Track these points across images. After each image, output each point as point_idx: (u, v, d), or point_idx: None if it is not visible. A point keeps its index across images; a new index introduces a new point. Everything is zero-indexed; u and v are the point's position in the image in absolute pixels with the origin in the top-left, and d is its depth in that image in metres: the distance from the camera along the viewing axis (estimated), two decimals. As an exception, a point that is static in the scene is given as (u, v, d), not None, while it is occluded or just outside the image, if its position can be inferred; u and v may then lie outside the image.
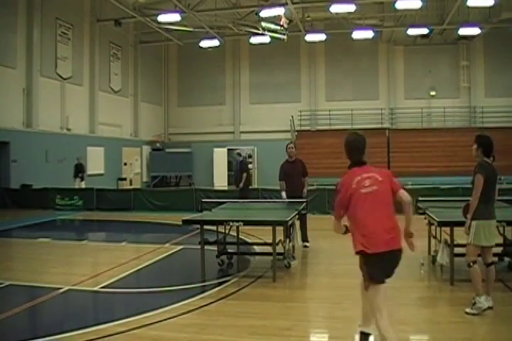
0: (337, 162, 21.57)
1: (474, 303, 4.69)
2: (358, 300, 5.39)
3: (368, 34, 21.94)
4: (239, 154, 15.68)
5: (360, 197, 3.62)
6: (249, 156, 27.15)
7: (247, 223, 6.39)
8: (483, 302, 4.67)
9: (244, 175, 13.41)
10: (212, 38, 23.16)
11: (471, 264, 4.81)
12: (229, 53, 27.15)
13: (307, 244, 8.48)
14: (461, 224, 5.28)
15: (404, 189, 3.86)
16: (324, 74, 26.22)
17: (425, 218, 6.94)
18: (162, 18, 20.37)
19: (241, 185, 13.40)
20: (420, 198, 7.90)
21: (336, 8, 19.20)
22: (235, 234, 7.52)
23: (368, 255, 3.55)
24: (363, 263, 3.75)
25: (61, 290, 5.79)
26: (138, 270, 7.01)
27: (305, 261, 7.72)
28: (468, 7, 19.17)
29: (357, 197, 3.62)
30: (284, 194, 8.49)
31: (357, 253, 3.68)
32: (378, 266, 3.55)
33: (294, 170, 8.53)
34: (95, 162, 20.26)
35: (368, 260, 3.60)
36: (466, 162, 19.83)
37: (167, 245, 8.94)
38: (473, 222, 4.81)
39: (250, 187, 14.52)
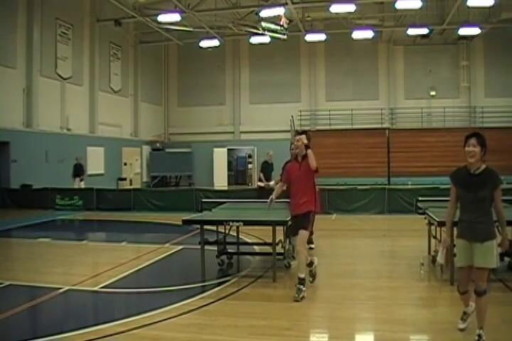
0: (337, 162, 21.81)
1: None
2: (358, 300, 5.42)
3: (368, 34, 21.96)
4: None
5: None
6: (249, 156, 27.19)
7: (247, 223, 6.38)
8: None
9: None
10: (212, 38, 23.17)
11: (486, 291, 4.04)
12: (229, 53, 27.16)
13: (312, 246, 8.42)
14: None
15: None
16: (324, 74, 26.23)
17: (425, 218, 6.94)
18: (162, 18, 20.40)
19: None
20: (420, 198, 7.90)
21: (335, 8, 19.23)
22: (235, 234, 7.52)
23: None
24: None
25: (61, 290, 5.78)
26: (138, 270, 7.01)
27: (305, 261, 7.71)
28: (468, 7, 19.19)
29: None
30: (272, 183, 8.39)
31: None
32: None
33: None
34: (95, 162, 20.26)
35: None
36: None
37: (167, 245, 8.94)
38: (494, 241, 3.98)
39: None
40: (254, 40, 22.77)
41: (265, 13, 19.37)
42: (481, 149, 4.01)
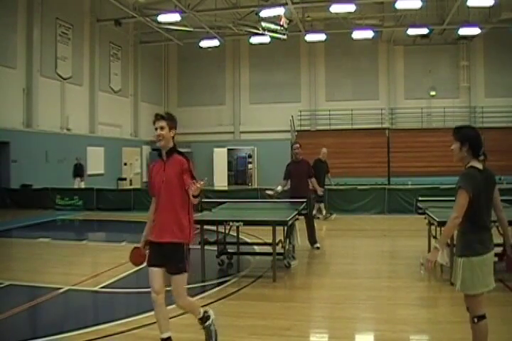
0: (337, 162, 21.75)
1: None
2: (358, 300, 5.42)
3: (368, 34, 21.97)
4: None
5: None
6: (249, 156, 27.16)
7: (247, 223, 6.38)
8: None
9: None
10: (212, 38, 23.17)
11: (476, 320, 3.44)
12: (229, 53, 27.16)
13: (318, 245, 8.39)
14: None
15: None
16: (324, 74, 26.23)
17: (425, 218, 6.94)
18: (162, 18, 20.40)
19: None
20: (420, 198, 7.90)
21: (335, 8, 19.24)
22: (235, 234, 7.52)
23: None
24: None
25: (61, 290, 5.78)
26: (138, 270, 6.99)
27: (305, 261, 7.72)
28: (468, 7, 19.20)
29: None
30: (279, 188, 8.26)
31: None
32: None
33: (298, 170, 8.42)
34: (95, 162, 20.27)
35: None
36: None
37: (167, 245, 8.93)
38: (460, 260, 3.33)
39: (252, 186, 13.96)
40: (254, 40, 22.78)
41: (265, 13, 19.37)
42: (461, 145, 3.33)
